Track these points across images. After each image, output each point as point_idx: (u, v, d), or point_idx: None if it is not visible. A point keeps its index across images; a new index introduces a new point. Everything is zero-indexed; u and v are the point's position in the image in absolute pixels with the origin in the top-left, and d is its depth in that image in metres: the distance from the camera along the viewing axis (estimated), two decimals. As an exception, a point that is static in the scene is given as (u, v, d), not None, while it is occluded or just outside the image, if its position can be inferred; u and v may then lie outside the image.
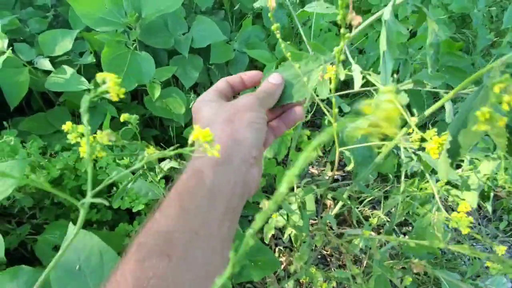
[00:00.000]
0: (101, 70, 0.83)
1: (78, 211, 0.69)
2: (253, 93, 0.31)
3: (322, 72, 0.32)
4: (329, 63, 0.35)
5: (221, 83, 0.33)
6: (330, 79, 0.35)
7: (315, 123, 1.21)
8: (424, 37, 0.86)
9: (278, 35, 0.31)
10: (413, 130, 0.27)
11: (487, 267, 0.44)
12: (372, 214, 0.98)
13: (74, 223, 0.46)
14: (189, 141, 0.21)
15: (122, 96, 0.25)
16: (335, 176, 1.10)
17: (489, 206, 0.48)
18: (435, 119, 1.04)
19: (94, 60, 0.78)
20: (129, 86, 0.73)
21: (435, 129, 0.27)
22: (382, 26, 0.35)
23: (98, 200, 0.21)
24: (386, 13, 0.35)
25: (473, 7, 1.08)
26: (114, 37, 0.73)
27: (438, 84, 0.43)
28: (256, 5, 0.52)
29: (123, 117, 0.30)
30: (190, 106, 0.86)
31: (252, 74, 0.34)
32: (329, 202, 0.96)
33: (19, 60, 0.72)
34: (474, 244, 1.05)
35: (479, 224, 1.11)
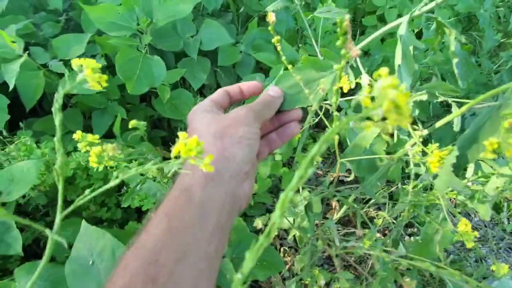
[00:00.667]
0: (112, 73, 0.85)
1: (89, 209, 0.72)
2: (248, 105, 0.31)
3: (323, 86, 0.33)
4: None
5: (218, 93, 0.32)
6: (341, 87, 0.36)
7: (320, 124, 1.22)
8: (432, 40, 0.87)
9: (279, 48, 0.32)
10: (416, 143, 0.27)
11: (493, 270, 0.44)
12: (377, 215, 0.98)
13: (86, 221, 0.48)
14: (172, 155, 0.19)
15: (104, 83, 0.21)
16: (341, 178, 1.10)
17: (504, 218, 0.47)
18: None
19: (106, 63, 0.80)
20: (141, 89, 0.75)
21: (437, 144, 0.28)
22: (398, 41, 0.35)
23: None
24: (401, 28, 0.35)
25: (479, 7, 1.07)
26: (126, 41, 0.75)
27: (450, 97, 0.43)
28: (268, 9, 0.53)
29: (132, 123, 0.31)
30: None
31: (251, 85, 0.33)
32: (334, 204, 0.97)
33: (35, 63, 0.74)
34: (481, 246, 1.05)
35: (485, 226, 1.11)
